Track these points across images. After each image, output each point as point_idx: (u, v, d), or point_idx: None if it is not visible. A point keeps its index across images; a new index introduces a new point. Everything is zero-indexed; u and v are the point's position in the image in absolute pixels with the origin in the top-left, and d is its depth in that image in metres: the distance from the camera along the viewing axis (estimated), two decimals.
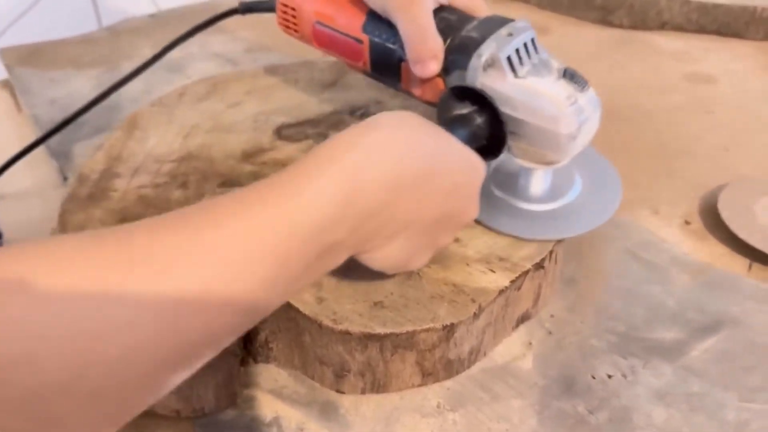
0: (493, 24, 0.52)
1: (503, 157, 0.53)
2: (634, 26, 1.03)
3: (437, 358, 0.50)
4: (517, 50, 0.50)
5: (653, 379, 0.52)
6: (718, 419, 0.50)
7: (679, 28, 1.02)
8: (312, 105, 0.70)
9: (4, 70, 0.91)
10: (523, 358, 0.54)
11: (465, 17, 0.53)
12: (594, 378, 0.52)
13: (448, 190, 0.43)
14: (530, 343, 0.55)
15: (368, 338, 0.48)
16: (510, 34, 0.50)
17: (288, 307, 0.49)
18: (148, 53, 0.72)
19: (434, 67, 0.52)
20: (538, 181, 0.56)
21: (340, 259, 0.40)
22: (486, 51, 0.50)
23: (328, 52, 0.62)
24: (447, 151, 0.44)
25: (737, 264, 0.64)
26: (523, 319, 0.56)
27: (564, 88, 0.50)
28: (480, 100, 0.51)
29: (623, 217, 0.67)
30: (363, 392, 0.51)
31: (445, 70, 0.53)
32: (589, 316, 0.57)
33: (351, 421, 0.50)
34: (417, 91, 0.56)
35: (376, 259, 0.43)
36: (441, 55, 0.52)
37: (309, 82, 0.75)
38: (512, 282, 0.51)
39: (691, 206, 0.70)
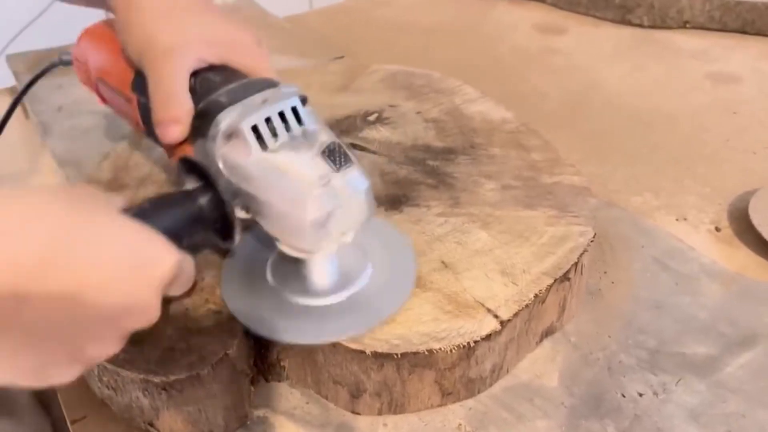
0: (252, 88, 0.45)
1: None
2: (654, 25, 1.00)
3: (457, 377, 0.48)
4: (269, 119, 0.43)
5: (687, 397, 0.50)
6: None
7: (701, 27, 0.99)
8: (324, 109, 0.68)
9: (12, 76, 0.90)
10: (549, 375, 0.51)
11: (231, 79, 0.46)
12: (624, 396, 0.50)
13: (85, 289, 0.34)
14: (555, 359, 0.52)
15: (384, 357, 0.45)
16: (265, 101, 0.43)
17: None
18: None
19: (176, 132, 0.46)
20: (316, 271, 0.47)
21: None
22: (225, 118, 0.43)
23: (113, 111, 0.56)
24: (84, 241, 0.34)
25: None
26: (548, 333, 0.53)
27: (318, 166, 0.42)
28: (204, 174, 0.44)
29: (649, 224, 0.64)
30: (380, 413, 0.49)
31: (192, 138, 0.46)
32: (617, 330, 0.54)
33: None
34: (172, 158, 0.48)
35: None
36: (186, 120, 0.46)
37: (321, 86, 0.73)
38: (536, 295, 0.48)
39: (719, 212, 0.67)
